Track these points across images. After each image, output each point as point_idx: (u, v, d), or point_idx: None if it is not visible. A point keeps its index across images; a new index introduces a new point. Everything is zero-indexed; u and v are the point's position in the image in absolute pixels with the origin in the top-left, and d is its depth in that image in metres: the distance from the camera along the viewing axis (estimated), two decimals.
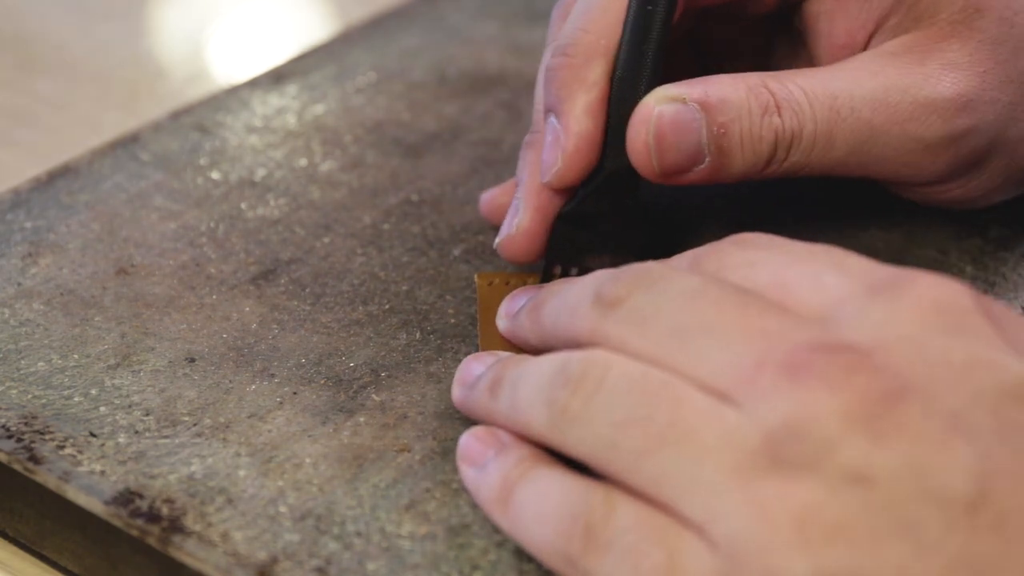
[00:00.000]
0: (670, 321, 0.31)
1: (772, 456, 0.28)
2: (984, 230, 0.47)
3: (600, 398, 0.31)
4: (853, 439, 0.28)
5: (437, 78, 0.55)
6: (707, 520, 0.29)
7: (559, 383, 0.32)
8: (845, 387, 0.28)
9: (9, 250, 0.45)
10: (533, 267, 0.44)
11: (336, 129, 0.52)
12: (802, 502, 0.28)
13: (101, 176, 0.49)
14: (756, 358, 0.30)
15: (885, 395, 0.28)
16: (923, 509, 0.27)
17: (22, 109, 0.60)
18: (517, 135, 0.52)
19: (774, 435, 0.28)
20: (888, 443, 0.28)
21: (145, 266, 0.45)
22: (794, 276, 0.32)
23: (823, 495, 0.28)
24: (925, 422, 0.28)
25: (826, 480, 0.28)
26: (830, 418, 0.28)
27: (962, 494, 0.27)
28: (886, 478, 0.27)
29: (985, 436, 0.28)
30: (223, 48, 0.65)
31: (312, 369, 0.41)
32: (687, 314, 0.31)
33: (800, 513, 0.28)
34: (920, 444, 0.28)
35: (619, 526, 0.30)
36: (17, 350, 0.41)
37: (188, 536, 0.35)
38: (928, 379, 0.28)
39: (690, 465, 0.29)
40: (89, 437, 0.38)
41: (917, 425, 0.28)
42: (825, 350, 0.29)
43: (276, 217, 0.47)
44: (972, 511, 0.27)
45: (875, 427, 0.28)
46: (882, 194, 0.49)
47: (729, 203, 0.48)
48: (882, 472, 0.28)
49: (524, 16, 0.59)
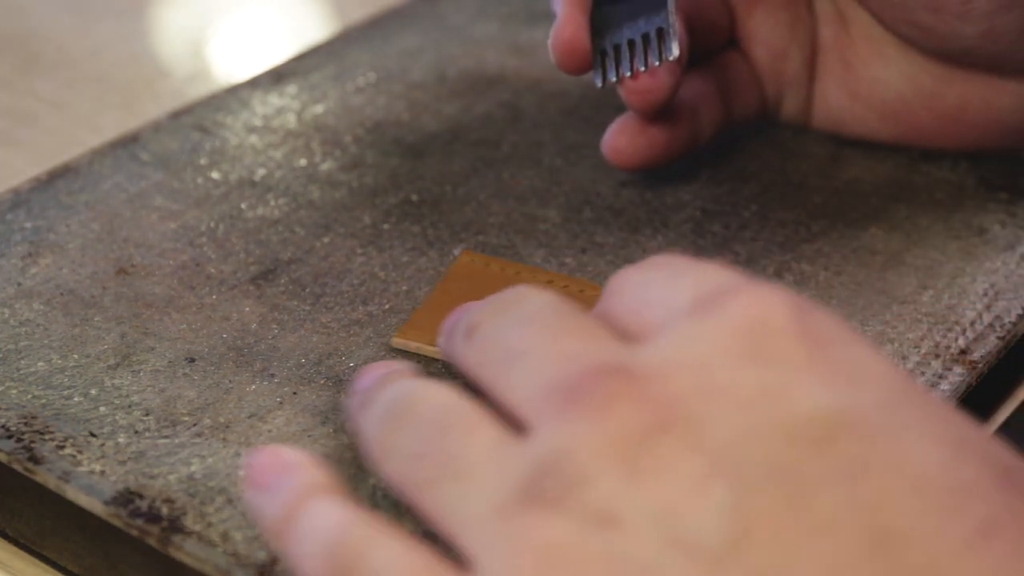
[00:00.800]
0: (504, 346, 0.30)
1: (530, 491, 0.27)
2: (984, 230, 0.47)
3: (406, 431, 0.30)
4: (606, 476, 0.26)
5: (437, 78, 0.55)
6: (474, 555, 0.28)
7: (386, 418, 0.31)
8: (606, 416, 0.26)
9: (9, 250, 0.45)
10: (520, 256, 0.44)
11: (336, 129, 0.52)
12: (547, 541, 0.26)
13: (101, 176, 0.49)
14: (550, 384, 0.28)
15: (647, 428, 0.26)
16: (667, 557, 0.25)
17: (22, 109, 0.60)
18: (517, 135, 0.52)
19: (537, 468, 0.27)
20: (642, 482, 0.26)
21: (145, 266, 0.45)
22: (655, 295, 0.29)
23: (569, 535, 0.26)
24: (685, 460, 0.26)
25: (574, 519, 0.26)
26: (587, 451, 0.26)
27: (712, 543, 0.25)
28: (634, 521, 0.25)
29: (751, 478, 0.25)
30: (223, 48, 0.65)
31: (312, 369, 0.41)
32: (517, 339, 0.30)
33: (544, 552, 0.26)
34: (675, 485, 0.25)
35: (372, 567, 0.29)
36: (17, 350, 0.41)
37: (188, 536, 0.35)
38: (702, 411, 0.26)
39: (464, 498, 0.28)
40: (89, 437, 0.38)
41: (676, 463, 0.26)
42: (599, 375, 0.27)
43: (276, 217, 0.47)
44: (719, 563, 0.25)
45: (631, 463, 0.26)
46: (882, 194, 0.49)
47: (729, 205, 0.48)
48: (631, 514, 0.26)
49: (524, 16, 0.59)
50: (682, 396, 0.26)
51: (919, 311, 0.43)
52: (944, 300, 0.44)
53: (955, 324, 0.43)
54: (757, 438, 0.26)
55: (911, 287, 0.44)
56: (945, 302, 0.44)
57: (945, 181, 0.49)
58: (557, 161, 0.50)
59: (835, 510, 0.25)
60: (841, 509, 0.25)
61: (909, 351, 0.42)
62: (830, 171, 0.50)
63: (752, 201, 0.48)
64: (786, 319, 0.27)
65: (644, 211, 0.48)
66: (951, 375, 0.41)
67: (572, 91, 0.54)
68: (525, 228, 0.47)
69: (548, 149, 0.51)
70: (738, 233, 0.47)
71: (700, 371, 0.27)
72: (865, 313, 0.43)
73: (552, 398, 0.28)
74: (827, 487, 0.25)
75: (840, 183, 0.49)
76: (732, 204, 0.48)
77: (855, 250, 0.46)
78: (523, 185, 0.49)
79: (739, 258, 0.46)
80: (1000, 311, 0.43)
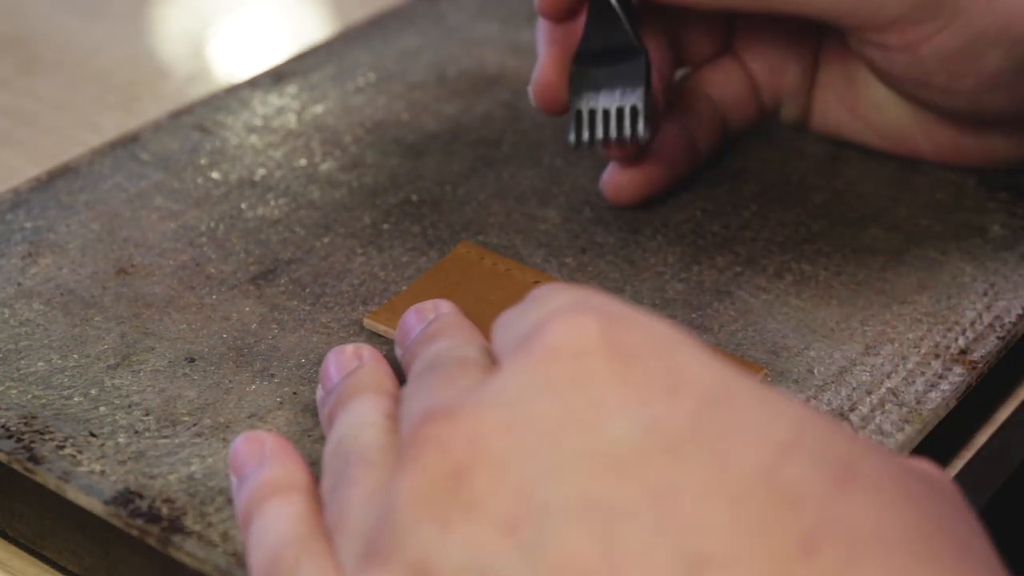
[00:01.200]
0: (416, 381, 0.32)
1: (371, 547, 0.27)
2: (984, 230, 0.47)
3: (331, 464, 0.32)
4: (423, 526, 0.26)
5: (437, 78, 0.55)
6: None
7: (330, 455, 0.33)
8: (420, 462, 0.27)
9: (9, 250, 0.45)
10: (520, 256, 0.44)
11: (336, 129, 0.52)
12: None
13: (101, 176, 0.49)
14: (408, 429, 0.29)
15: (454, 472, 0.26)
16: None
17: (22, 109, 0.60)
18: (517, 135, 0.52)
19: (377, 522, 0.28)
20: (453, 530, 0.26)
21: (145, 266, 0.45)
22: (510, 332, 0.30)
23: None
24: (492, 500, 0.26)
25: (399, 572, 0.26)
26: (407, 502, 0.26)
27: None
28: (448, 570, 0.26)
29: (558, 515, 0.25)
30: (223, 48, 0.65)
31: (312, 369, 0.41)
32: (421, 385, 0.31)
33: None
34: (482, 527, 0.25)
35: None
36: (17, 350, 0.41)
37: (188, 536, 0.35)
38: (510, 446, 0.26)
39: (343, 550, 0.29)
40: (89, 437, 0.38)
41: (483, 503, 0.26)
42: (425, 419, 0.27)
43: (276, 217, 0.47)
44: None
45: (443, 511, 0.26)
46: (882, 194, 0.49)
47: (729, 205, 0.48)
48: (444, 564, 0.26)
49: (524, 16, 0.59)
50: (489, 433, 0.26)
51: (919, 311, 0.43)
52: (944, 300, 0.44)
53: (955, 324, 0.43)
54: (564, 471, 0.25)
55: (911, 287, 0.44)
56: (945, 302, 0.44)
57: (945, 181, 0.49)
58: (557, 161, 0.50)
59: (643, 540, 0.25)
60: (649, 538, 0.25)
61: (909, 351, 0.42)
62: (830, 171, 0.50)
63: (752, 201, 0.48)
64: (596, 341, 0.27)
65: (644, 211, 0.48)
66: (951, 375, 0.41)
67: None
68: (525, 228, 0.47)
69: (548, 149, 0.51)
70: (738, 233, 0.47)
71: (513, 406, 0.26)
72: (865, 313, 0.43)
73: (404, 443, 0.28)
74: (635, 516, 0.25)
75: (840, 183, 0.49)
76: (732, 204, 0.48)
77: (855, 250, 0.46)
78: (523, 185, 0.49)
79: (739, 258, 0.46)
80: (1000, 311, 0.43)
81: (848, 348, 0.42)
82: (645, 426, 0.26)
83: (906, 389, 0.41)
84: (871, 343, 0.42)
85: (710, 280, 0.45)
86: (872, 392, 0.40)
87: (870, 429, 0.39)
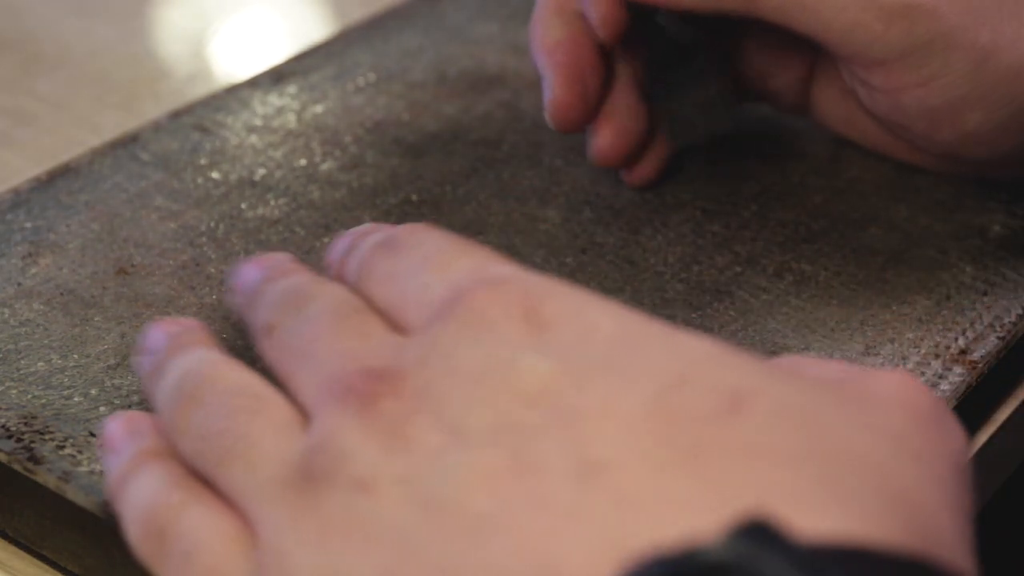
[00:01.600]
0: (293, 348, 0.33)
1: (305, 468, 0.30)
2: (984, 230, 0.47)
3: (196, 412, 0.33)
4: (365, 451, 0.29)
5: (437, 78, 0.55)
6: (264, 528, 0.30)
7: (177, 396, 0.33)
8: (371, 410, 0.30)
9: (9, 250, 0.45)
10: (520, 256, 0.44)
11: (336, 129, 0.52)
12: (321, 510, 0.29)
13: (101, 176, 0.49)
14: (327, 383, 0.31)
15: (401, 414, 0.30)
16: (411, 516, 0.28)
17: (22, 109, 0.60)
18: (517, 135, 0.52)
19: (312, 448, 0.30)
20: (394, 455, 0.29)
21: (145, 266, 0.45)
22: (412, 290, 0.33)
23: (337, 504, 0.29)
24: (428, 434, 0.29)
25: (340, 489, 0.29)
26: (351, 434, 0.30)
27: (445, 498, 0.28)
28: (386, 486, 0.29)
29: (480, 440, 0.29)
30: (223, 48, 0.65)
31: None
32: (305, 340, 0.33)
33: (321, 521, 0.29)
34: (418, 455, 0.29)
35: (180, 529, 0.32)
36: (17, 350, 0.41)
37: None
38: (444, 393, 0.30)
39: (252, 476, 0.31)
40: (89, 437, 0.38)
41: (421, 438, 0.29)
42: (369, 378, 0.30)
43: (276, 217, 0.47)
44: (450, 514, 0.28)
45: (386, 442, 0.29)
46: (882, 194, 0.49)
47: (729, 204, 0.48)
48: (383, 481, 0.29)
49: (524, 16, 0.59)
50: (429, 385, 0.30)
51: (919, 311, 0.43)
52: (944, 300, 0.44)
53: (955, 324, 0.43)
54: (486, 405, 0.29)
55: (911, 287, 0.44)
56: (945, 302, 0.44)
57: (945, 181, 0.49)
58: (557, 161, 0.50)
59: (546, 452, 0.28)
60: (552, 450, 0.28)
61: (909, 351, 0.42)
62: (830, 171, 0.50)
63: (752, 201, 0.48)
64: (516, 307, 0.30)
65: (644, 211, 0.48)
66: (951, 375, 0.41)
67: None
68: (525, 228, 0.47)
69: (548, 149, 0.51)
70: (738, 233, 0.47)
71: (445, 360, 0.30)
72: (865, 313, 0.43)
73: (329, 396, 0.31)
74: (541, 435, 0.28)
75: (840, 183, 0.49)
76: (732, 204, 0.48)
77: (855, 250, 0.46)
78: (523, 185, 0.49)
79: (739, 258, 0.46)
80: (1000, 311, 0.43)
81: (848, 348, 0.42)
82: (557, 364, 0.29)
83: None
84: (871, 343, 0.42)
85: (710, 280, 0.45)
86: None
87: None
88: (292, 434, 0.31)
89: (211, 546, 0.31)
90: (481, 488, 0.28)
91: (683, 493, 0.27)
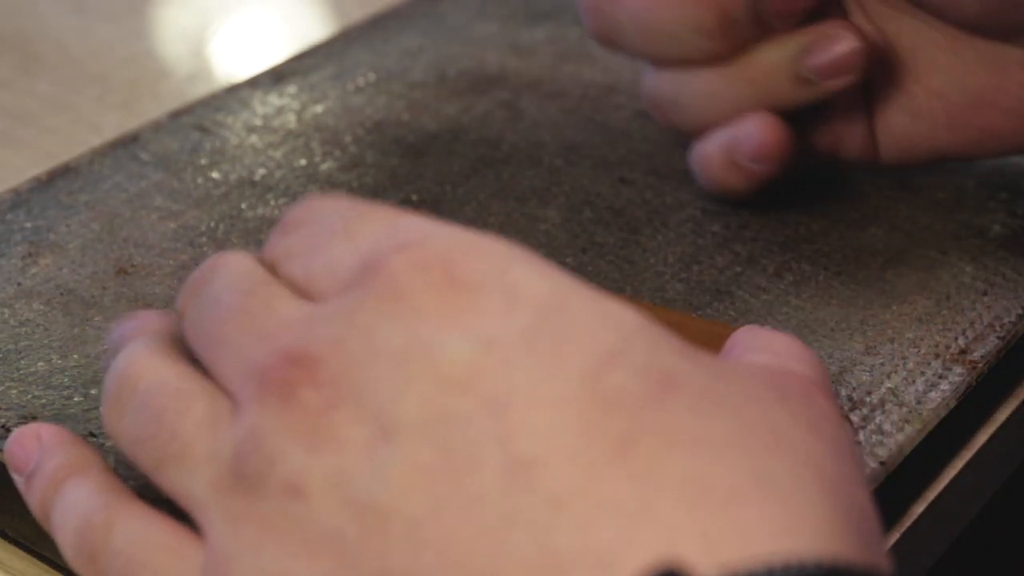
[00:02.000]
0: (206, 333, 0.32)
1: (237, 471, 0.29)
2: (984, 230, 0.47)
3: (127, 416, 0.32)
4: (293, 453, 0.28)
5: (437, 78, 0.55)
6: (206, 529, 0.30)
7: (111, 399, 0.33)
8: (290, 402, 0.29)
9: (9, 250, 0.45)
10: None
11: (336, 129, 0.52)
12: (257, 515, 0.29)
13: (101, 176, 0.49)
14: (246, 370, 0.30)
15: (323, 406, 0.28)
16: (344, 519, 0.28)
17: (22, 109, 0.60)
18: (517, 135, 0.52)
19: (240, 448, 0.29)
20: (321, 455, 0.28)
21: (145, 266, 0.45)
22: (320, 266, 0.31)
23: (271, 508, 0.28)
24: (354, 428, 0.28)
25: (273, 493, 0.28)
26: (276, 433, 0.29)
27: (380, 500, 0.27)
28: (316, 489, 0.28)
29: (409, 432, 0.27)
30: (223, 48, 0.65)
31: None
32: (215, 323, 0.32)
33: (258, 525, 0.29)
34: (347, 452, 0.28)
35: (113, 548, 0.31)
36: (17, 350, 0.41)
37: None
38: (365, 378, 0.28)
39: (188, 478, 0.30)
40: (89, 437, 0.38)
41: (346, 433, 0.28)
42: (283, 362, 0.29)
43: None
44: (385, 519, 0.27)
45: (311, 440, 0.28)
46: (883, 194, 0.49)
47: (729, 204, 0.48)
48: (313, 483, 0.28)
49: (524, 16, 0.59)
50: (349, 370, 0.28)
51: (919, 311, 0.43)
52: (944, 300, 0.44)
53: (955, 324, 0.43)
54: (411, 392, 0.28)
55: (911, 287, 0.44)
56: (945, 302, 0.44)
57: (945, 181, 0.49)
58: (557, 161, 0.50)
59: (476, 445, 0.27)
60: (481, 443, 0.27)
61: (909, 351, 0.42)
62: (830, 171, 0.50)
63: (752, 201, 0.48)
64: (435, 273, 0.29)
65: (644, 211, 0.48)
66: (951, 375, 0.41)
67: (572, 91, 0.54)
68: (525, 228, 0.47)
69: (548, 149, 0.51)
70: (738, 233, 0.47)
71: (364, 340, 0.29)
72: (865, 313, 0.43)
73: (249, 383, 0.30)
74: (470, 424, 0.27)
75: (841, 183, 0.49)
76: (732, 204, 0.48)
77: (855, 250, 0.46)
78: (523, 185, 0.49)
79: (739, 258, 0.46)
80: (1000, 311, 0.43)
81: (848, 348, 0.42)
82: (482, 344, 0.28)
83: (906, 389, 0.41)
84: (871, 343, 0.42)
85: (710, 280, 0.45)
86: (872, 392, 0.40)
87: (870, 429, 0.39)
88: (221, 427, 0.30)
89: (146, 562, 0.31)
90: (414, 488, 0.27)
91: (612, 495, 0.26)
